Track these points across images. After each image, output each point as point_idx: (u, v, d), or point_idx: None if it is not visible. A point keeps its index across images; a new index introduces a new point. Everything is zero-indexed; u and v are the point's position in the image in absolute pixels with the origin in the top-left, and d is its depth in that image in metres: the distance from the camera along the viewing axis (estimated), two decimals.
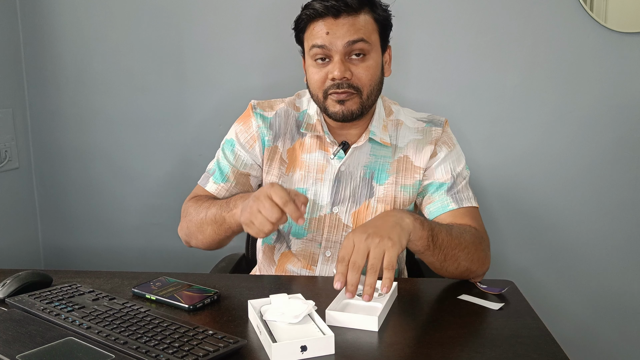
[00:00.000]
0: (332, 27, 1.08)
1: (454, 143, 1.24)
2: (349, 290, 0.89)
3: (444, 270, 1.09)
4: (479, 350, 0.83)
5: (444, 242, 1.04)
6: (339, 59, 1.09)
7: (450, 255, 1.06)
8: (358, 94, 1.11)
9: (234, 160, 1.24)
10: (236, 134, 1.25)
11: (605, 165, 1.68)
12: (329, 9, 1.07)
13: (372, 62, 1.12)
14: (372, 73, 1.12)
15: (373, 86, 1.13)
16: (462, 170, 1.22)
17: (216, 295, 1.01)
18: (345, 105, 1.12)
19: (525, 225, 1.74)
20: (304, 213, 0.98)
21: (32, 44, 1.83)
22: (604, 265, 1.72)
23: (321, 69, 1.12)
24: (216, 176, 1.25)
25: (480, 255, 1.10)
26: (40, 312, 0.92)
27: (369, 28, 1.10)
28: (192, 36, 1.76)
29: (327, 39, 1.08)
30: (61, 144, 1.87)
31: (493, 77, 1.67)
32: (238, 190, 1.24)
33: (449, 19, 1.66)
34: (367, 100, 1.13)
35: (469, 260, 1.08)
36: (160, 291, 1.03)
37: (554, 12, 1.62)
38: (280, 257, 1.27)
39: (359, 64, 1.10)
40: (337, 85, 1.10)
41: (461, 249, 1.07)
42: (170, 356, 0.76)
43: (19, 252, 1.84)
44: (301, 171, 1.21)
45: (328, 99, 1.13)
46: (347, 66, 1.10)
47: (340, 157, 1.20)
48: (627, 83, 1.63)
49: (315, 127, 1.21)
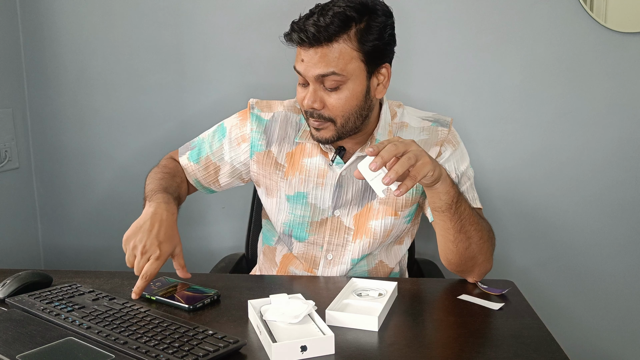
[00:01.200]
0: (306, 55, 1.06)
1: (458, 141, 1.22)
2: (375, 160, 0.89)
3: (455, 245, 1.07)
4: (479, 350, 0.83)
5: (465, 212, 1.04)
6: (312, 88, 1.08)
7: (466, 230, 1.05)
8: (332, 123, 1.09)
9: (215, 149, 1.25)
10: (231, 126, 1.24)
11: (606, 165, 1.68)
12: (302, 39, 1.05)
13: (347, 92, 1.07)
14: (345, 103, 1.08)
15: (348, 115, 1.09)
16: (467, 170, 1.21)
17: (216, 296, 1.01)
18: (320, 132, 1.11)
19: (525, 225, 1.74)
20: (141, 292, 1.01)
21: (32, 44, 1.83)
22: (604, 266, 1.72)
23: (303, 89, 1.11)
24: (192, 153, 1.27)
25: (489, 249, 1.10)
26: (40, 312, 0.92)
27: (345, 58, 1.04)
28: (192, 36, 1.76)
29: (302, 66, 1.07)
30: (61, 144, 1.87)
31: (493, 77, 1.67)
32: (201, 175, 1.26)
33: (450, 19, 1.66)
34: (342, 128, 1.10)
35: (479, 246, 1.07)
36: (160, 291, 1.03)
37: (554, 12, 1.62)
38: (282, 259, 1.27)
39: (332, 94, 1.07)
40: (309, 113, 1.10)
41: (477, 229, 1.06)
42: (170, 356, 0.76)
43: (19, 252, 1.84)
44: (301, 175, 1.20)
45: (309, 120, 1.13)
46: (318, 96, 1.08)
47: (339, 163, 1.18)
48: (627, 83, 1.63)
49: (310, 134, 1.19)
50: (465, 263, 1.09)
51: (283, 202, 1.21)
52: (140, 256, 1.00)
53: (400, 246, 1.27)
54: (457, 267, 1.11)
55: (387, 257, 1.25)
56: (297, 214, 1.20)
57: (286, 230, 1.23)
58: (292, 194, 1.20)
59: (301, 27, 1.05)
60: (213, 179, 1.27)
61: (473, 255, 1.07)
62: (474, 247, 1.07)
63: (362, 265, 1.23)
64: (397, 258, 1.27)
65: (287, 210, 1.21)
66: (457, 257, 1.09)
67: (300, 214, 1.20)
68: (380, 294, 1.01)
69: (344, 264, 1.21)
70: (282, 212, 1.22)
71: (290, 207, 1.21)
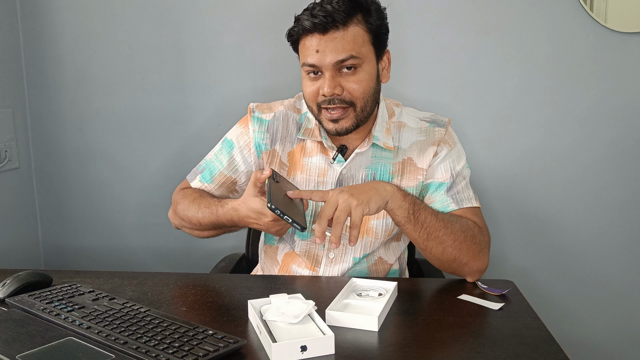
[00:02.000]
0: (321, 44, 1.07)
1: (455, 141, 1.23)
2: (316, 236, 0.98)
3: (429, 252, 1.10)
4: (479, 350, 0.83)
5: (427, 220, 1.07)
6: (329, 75, 1.08)
7: (435, 236, 1.07)
8: (352, 108, 1.10)
9: (227, 163, 1.25)
10: (237, 136, 1.25)
11: (606, 165, 1.68)
12: (317, 25, 1.06)
13: (365, 74, 1.10)
14: (364, 86, 1.10)
15: (367, 98, 1.11)
16: (462, 170, 1.21)
17: (299, 226, 1.00)
18: (339, 123, 1.11)
19: (525, 225, 1.73)
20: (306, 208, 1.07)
21: (32, 44, 1.83)
22: (604, 265, 1.72)
23: (314, 82, 1.11)
24: (204, 175, 1.26)
25: (473, 248, 1.10)
26: (40, 312, 0.92)
27: (358, 41, 1.08)
28: (192, 36, 1.76)
29: (317, 57, 1.08)
30: (61, 144, 1.87)
31: (493, 77, 1.67)
32: (220, 193, 1.26)
33: (450, 19, 1.66)
34: (361, 113, 1.12)
35: (457, 248, 1.08)
36: (279, 184, 1.06)
37: (554, 12, 1.62)
38: (284, 258, 1.27)
39: (350, 77, 1.09)
40: (328, 100, 1.10)
41: (448, 232, 1.08)
42: (170, 356, 0.76)
43: (19, 252, 1.84)
44: (302, 174, 1.21)
45: (322, 114, 1.13)
46: (337, 81, 1.09)
47: (340, 162, 1.19)
48: (627, 83, 1.63)
49: (313, 132, 1.20)
50: (449, 265, 1.11)
51: None
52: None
53: (399, 242, 1.27)
54: (443, 269, 1.15)
55: (386, 254, 1.25)
56: None
57: (289, 229, 1.23)
58: None
59: (314, 14, 1.06)
60: (231, 191, 1.28)
61: (453, 257, 1.09)
62: (451, 250, 1.08)
63: (362, 262, 1.23)
64: (396, 254, 1.28)
65: None
66: (437, 262, 1.12)
67: None
68: (380, 294, 1.01)
69: (346, 262, 1.22)
70: None
71: None
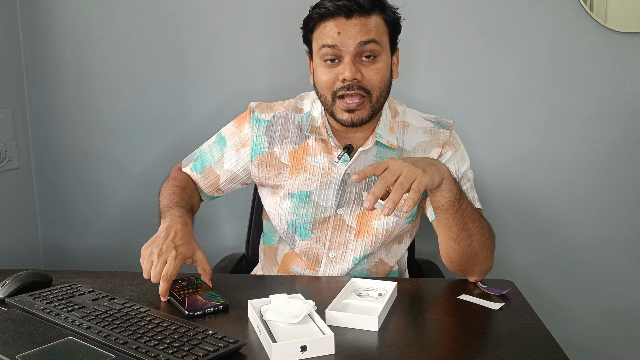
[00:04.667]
0: (344, 27, 1.06)
1: (459, 143, 1.23)
2: (368, 198, 0.92)
3: (457, 243, 1.07)
4: (479, 350, 0.83)
5: (467, 210, 1.04)
6: (350, 59, 1.07)
7: (468, 227, 1.05)
8: (368, 97, 1.09)
9: (217, 158, 1.26)
10: (230, 135, 1.25)
11: (606, 165, 1.68)
12: (341, 8, 1.05)
13: (383, 64, 1.10)
14: (382, 75, 1.10)
15: (382, 88, 1.11)
16: (467, 171, 1.21)
17: (222, 306, 0.98)
18: (356, 113, 1.10)
19: (525, 225, 1.74)
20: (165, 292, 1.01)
21: (32, 44, 1.83)
22: (604, 265, 1.72)
23: (331, 69, 1.10)
24: (196, 165, 1.29)
25: (490, 247, 1.10)
26: (40, 312, 0.92)
27: (380, 29, 1.09)
28: (192, 36, 1.76)
29: (339, 38, 1.06)
30: (61, 144, 1.87)
31: (493, 77, 1.67)
32: (204, 184, 1.29)
33: (450, 20, 1.66)
34: (376, 104, 1.11)
35: (480, 243, 1.07)
36: (180, 291, 1.03)
37: (554, 12, 1.62)
38: (284, 258, 1.27)
39: (369, 65, 1.09)
40: (347, 87, 1.08)
41: (479, 226, 1.06)
42: (170, 356, 0.76)
43: (19, 252, 1.84)
44: (305, 174, 1.20)
45: (336, 104, 1.11)
46: (357, 67, 1.08)
47: (345, 161, 1.18)
48: (627, 83, 1.63)
49: (319, 130, 1.19)
50: (467, 261, 1.09)
51: (286, 201, 1.22)
52: (157, 259, 0.99)
53: (400, 245, 1.27)
54: (459, 265, 1.11)
55: (387, 256, 1.25)
56: (300, 213, 1.21)
57: (289, 228, 1.23)
58: (295, 193, 1.21)
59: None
60: (215, 188, 1.29)
61: (475, 253, 1.07)
62: (476, 245, 1.07)
63: (362, 263, 1.23)
64: (397, 257, 1.28)
65: (289, 210, 1.21)
66: (459, 255, 1.09)
67: (303, 213, 1.21)
68: (380, 294, 1.01)
69: (346, 262, 1.22)
70: (284, 211, 1.22)
71: (293, 206, 1.21)
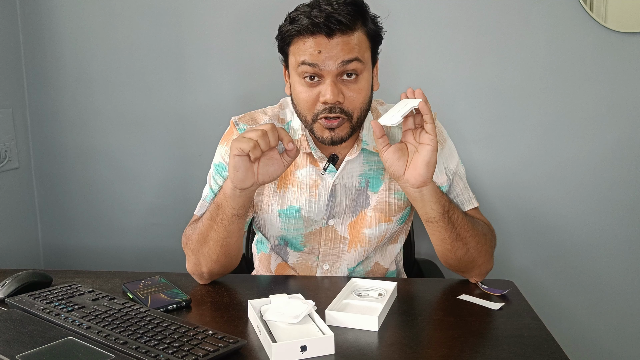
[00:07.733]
0: (325, 46, 0.99)
1: (445, 137, 1.16)
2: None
3: (453, 253, 1.06)
4: (479, 350, 0.83)
5: (458, 219, 1.03)
6: (331, 80, 1.00)
7: (462, 237, 1.04)
8: (348, 119, 1.04)
9: None
10: (222, 157, 1.17)
11: (606, 165, 1.67)
12: (321, 27, 0.98)
13: (365, 82, 1.04)
14: (364, 95, 1.05)
15: (364, 108, 1.06)
16: (457, 168, 1.16)
17: (185, 302, 0.98)
18: (335, 132, 1.05)
19: (525, 225, 1.73)
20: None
21: (32, 44, 1.83)
22: (604, 265, 1.72)
23: (310, 88, 1.03)
24: None
25: (488, 250, 1.09)
26: (40, 312, 0.92)
27: (362, 46, 1.02)
28: (192, 36, 1.76)
29: (319, 58, 0.99)
30: (61, 144, 1.87)
31: (493, 77, 1.67)
32: None
33: (449, 19, 1.66)
34: (356, 124, 1.06)
35: (477, 250, 1.07)
36: (143, 290, 1.03)
37: (554, 12, 1.62)
38: (277, 268, 1.24)
39: (350, 85, 1.02)
40: (328, 109, 1.02)
41: (473, 234, 1.06)
42: (170, 356, 0.76)
43: (19, 252, 1.84)
44: (294, 188, 1.15)
45: (317, 123, 1.05)
46: (339, 89, 1.01)
47: (332, 171, 1.13)
48: (627, 83, 1.63)
49: (300, 143, 1.13)
50: (465, 266, 1.10)
51: (275, 218, 1.17)
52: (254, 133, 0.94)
53: (395, 245, 1.26)
54: (457, 269, 1.12)
55: (383, 258, 1.24)
56: (290, 229, 1.17)
57: (280, 242, 1.21)
58: (284, 208, 1.16)
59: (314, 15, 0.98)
60: None
61: (472, 259, 1.08)
62: (473, 252, 1.07)
63: (358, 270, 1.22)
64: (392, 257, 1.26)
65: (279, 226, 1.17)
66: (456, 262, 1.09)
67: (294, 228, 1.17)
68: (380, 294, 1.01)
69: (341, 274, 1.20)
70: (274, 227, 1.18)
71: (282, 222, 1.16)
